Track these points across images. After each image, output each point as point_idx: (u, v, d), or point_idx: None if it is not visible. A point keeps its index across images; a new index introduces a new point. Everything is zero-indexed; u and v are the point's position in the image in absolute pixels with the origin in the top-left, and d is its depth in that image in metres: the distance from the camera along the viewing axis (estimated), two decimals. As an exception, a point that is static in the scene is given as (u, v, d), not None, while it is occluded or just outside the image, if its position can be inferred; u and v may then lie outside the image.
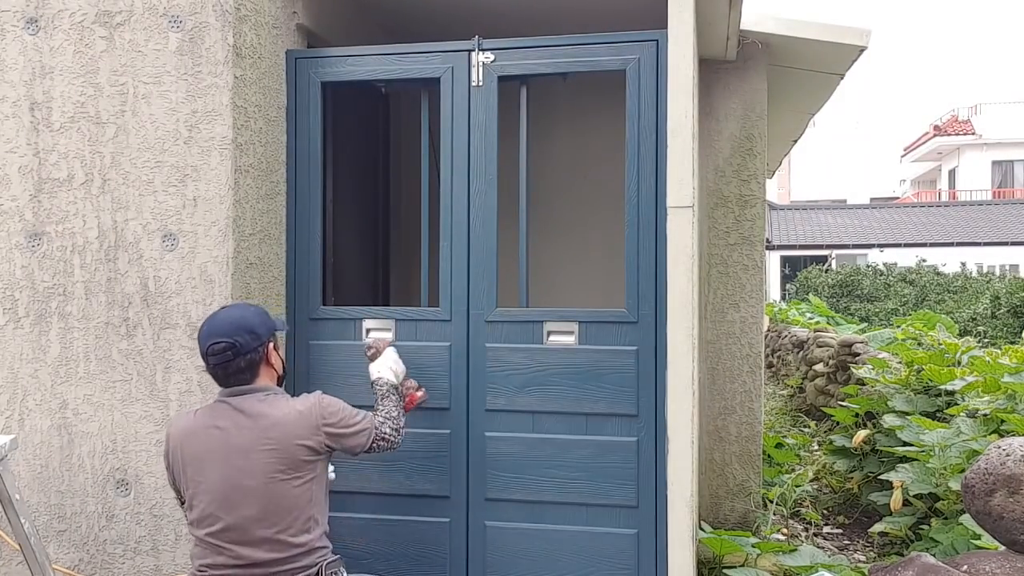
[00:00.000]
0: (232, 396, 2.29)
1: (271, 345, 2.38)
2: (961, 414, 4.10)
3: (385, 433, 2.47)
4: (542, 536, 2.98)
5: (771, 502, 4.38)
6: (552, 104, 4.41)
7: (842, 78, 4.44)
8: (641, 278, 2.94)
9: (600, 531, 2.94)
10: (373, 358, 2.76)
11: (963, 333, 9.11)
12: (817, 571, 3.20)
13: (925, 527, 3.81)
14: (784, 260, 24.21)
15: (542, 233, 4.37)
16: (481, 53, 3.02)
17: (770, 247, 21.84)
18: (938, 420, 4.31)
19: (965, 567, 2.02)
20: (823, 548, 4.15)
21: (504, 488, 2.99)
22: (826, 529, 4.59)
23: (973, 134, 32.53)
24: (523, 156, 3.08)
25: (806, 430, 7.01)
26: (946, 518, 3.71)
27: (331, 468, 2.46)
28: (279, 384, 2.42)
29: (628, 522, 2.93)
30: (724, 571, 3.39)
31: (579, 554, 2.95)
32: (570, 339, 2.97)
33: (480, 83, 3.02)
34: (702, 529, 3.67)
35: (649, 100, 2.93)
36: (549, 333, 2.99)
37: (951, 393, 4.52)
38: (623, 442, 2.93)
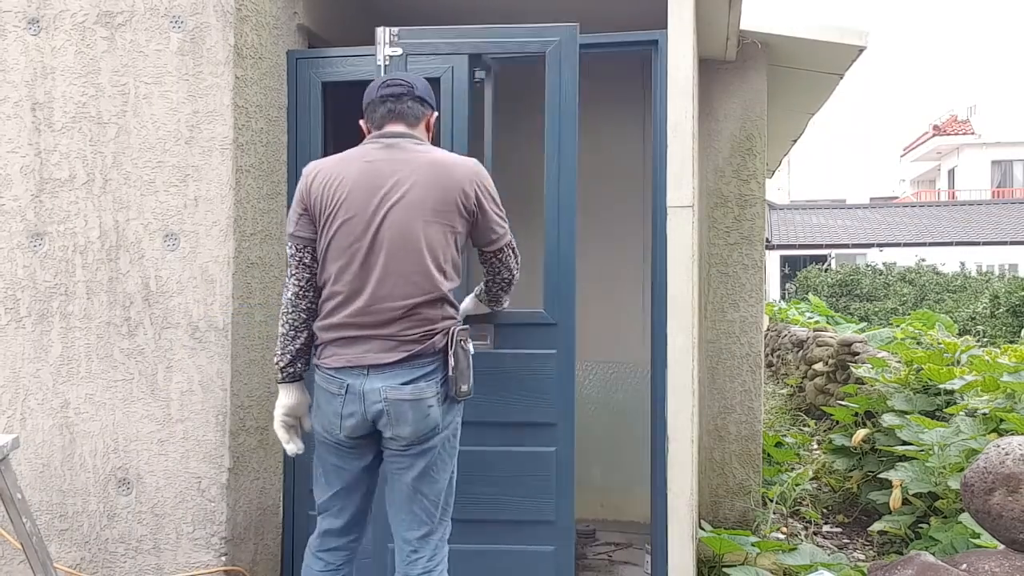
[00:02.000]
0: (385, 137, 2.30)
1: (434, 119, 2.42)
2: (960, 413, 4.11)
3: (513, 256, 2.43)
4: (466, 557, 2.66)
5: (771, 501, 4.39)
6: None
7: (841, 78, 4.45)
8: (560, 276, 2.79)
9: (517, 549, 2.74)
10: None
11: (962, 332, 9.11)
12: (817, 570, 3.21)
13: (924, 526, 3.81)
14: (784, 260, 24.21)
15: (540, 232, 4.38)
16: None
17: (770, 247, 21.81)
18: (937, 419, 4.31)
19: (964, 566, 2.03)
20: (823, 547, 4.15)
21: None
22: (826, 528, 4.60)
23: (972, 134, 32.56)
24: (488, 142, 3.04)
25: (806, 429, 7.02)
26: (945, 517, 3.72)
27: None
28: None
29: (546, 539, 2.73)
30: (724, 570, 3.40)
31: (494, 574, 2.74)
32: (484, 343, 2.74)
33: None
34: (702, 528, 3.67)
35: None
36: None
37: (950, 392, 4.53)
38: (541, 453, 2.75)
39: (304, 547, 3.09)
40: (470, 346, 2.31)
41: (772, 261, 23.25)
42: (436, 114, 2.45)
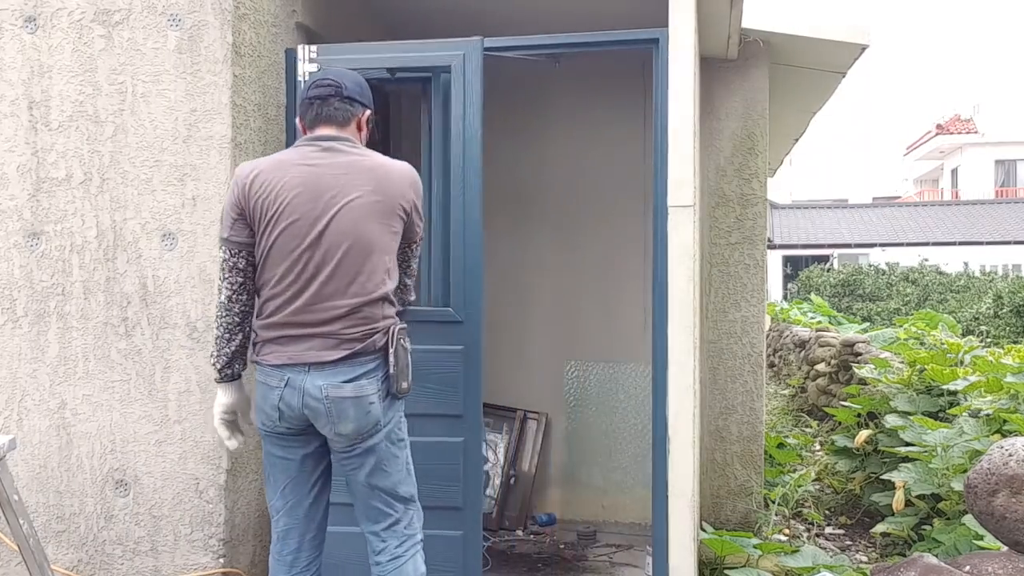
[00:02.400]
0: (320, 140, 2.31)
1: (366, 117, 2.41)
2: (964, 414, 4.09)
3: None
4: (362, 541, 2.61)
5: (773, 502, 4.37)
6: (552, 104, 4.39)
7: (844, 76, 4.43)
8: (466, 277, 2.89)
9: (429, 534, 2.68)
10: None
11: (966, 333, 9.08)
12: (819, 572, 3.19)
13: (927, 527, 3.79)
14: (786, 259, 24.20)
15: (541, 232, 4.37)
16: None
17: (772, 246, 21.82)
18: (940, 420, 4.29)
19: (968, 567, 2.01)
20: (825, 549, 4.13)
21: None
22: (828, 529, 4.58)
23: (975, 133, 32.51)
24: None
25: (808, 430, 6.99)
26: (948, 518, 3.70)
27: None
28: None
29: (454, 524, 2.84)
30: (725, 572, 3.38)
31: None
32: None
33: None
34: (703, 529, 3.65)
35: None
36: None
37: (953, 393, 4.50)
38: (449, 443, 2.86)
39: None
40: (408, 344, 2.35)
41: (774, 261, 23.24)
42: (368, 112, 2.43)
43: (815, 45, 3.96)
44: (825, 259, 22.61)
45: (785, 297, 20.19)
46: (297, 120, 2.41)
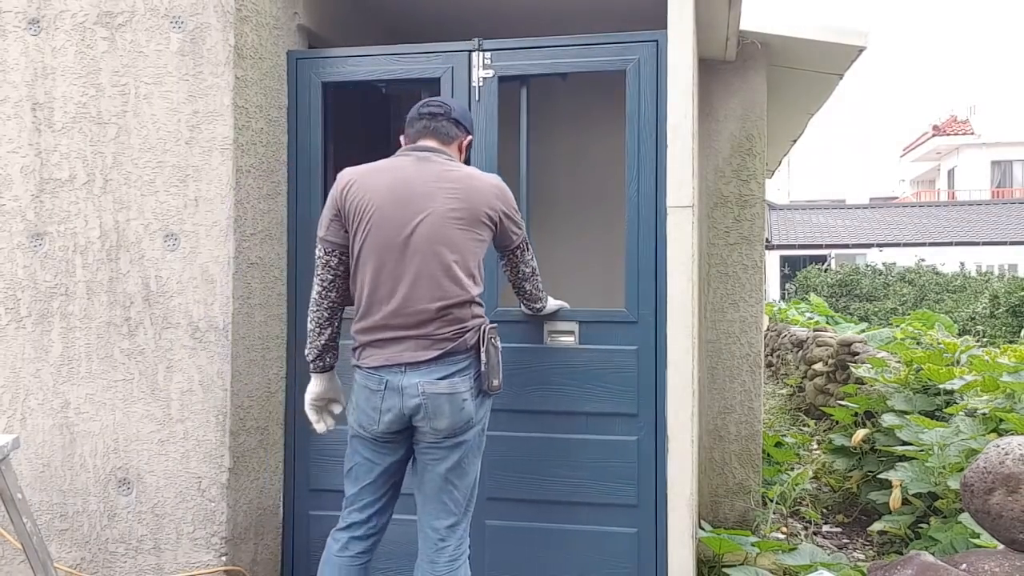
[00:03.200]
0: (418, 150, 2.44)
1: (467, 142, 2.56)
2: (960, 413, 4.11)
3: (527, 250, 2.61)
4: (543, 535, 2.99)
5: (771, 501, 4.39)
6: (552, 104, 4.42)
7: (841, 78, 4.45)
8: (641, 278, 2.95)
9: (601, 530, 2.95)
10: None
11: (962, 332, 9.12)
12: (816, 570, 3.21)
13: (924, 526, 3.81)
14: (783, 260, 24.22)
15: (541, 232, 4.38)
16: (482, 53, 3.03)
17: (769, 247, 21.84)
18: (937, 419, 4.31)
19: (964, 566, 2.03)
20: (822, 547, 4.15)
21: (505, 487, 3.00)
22: (825, 528, 4.60)
23: (972, 134, 32.57)
24: (523, 156, 3.09)
25: (805, 429, 7.02)
26: (945, 517, 3.72)
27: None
28: None
29: (628, 521, 2.94)
30: (724, 570, 3.40)
31: (579, 553, 2.95)
32: (570, 339, 2.98)
33: (480, 83, 3.03)
34: (702, 528, 3.67)
35: (649, 100, 2.94)
36: (549, 333, 3.00)
37: (950, 392, 4.53)
38: (623, 441, 2.94)
39: (304, 546, 3.12)
40: (499, 343, 2.46)
41: (772, 261, 23.27)
42: (471, 138, 2.58)
43: (813, 47, 3.98)
44: (823, 259, 22.65)
45: (783, 297, 20.22)
46: (402, 137, 2.53)
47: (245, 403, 2.87)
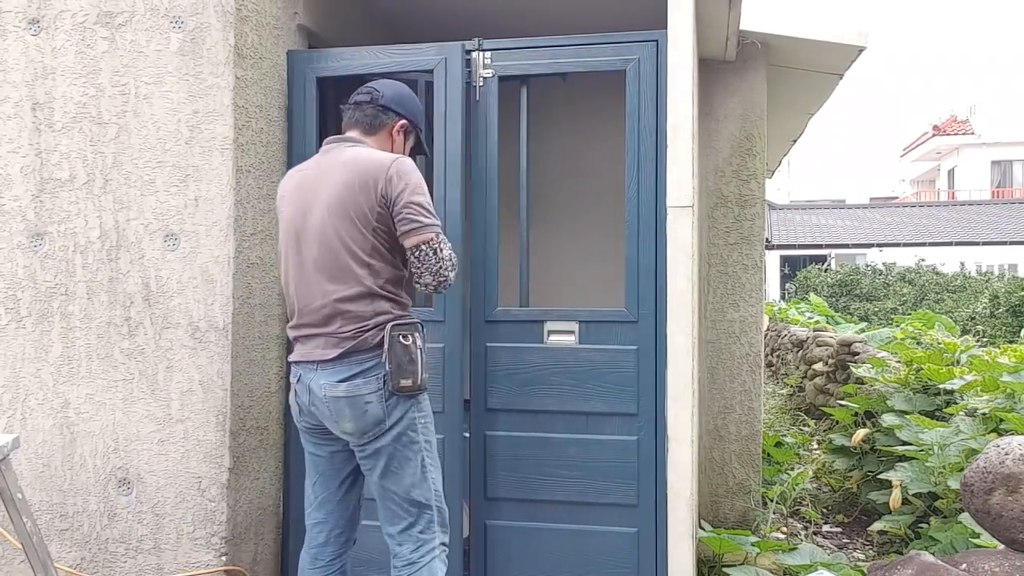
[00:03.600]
0: (333, 142, 2.42)
1: (399, 126, 2.45)
2: (960, 413, 4.11)
3: (433, 256, 2.25)
4: (543, 535, 2.99)
5: (771, 501, 4.39)
6: (552, 104, 4.42)
7: (841, 78, 4.45)
8: (641, 278, 2.95)
9: (601, 530, 2.95)
10: None
11: (962, 332, 9.11)
12: (816, 569, 3.21)
13: (924, 526, 3.81)
14: (783, 260, 24.22)
15: (541, 232, 4.38)
16: (482, 53, 3.03)
17: (769, 247, 21.84)
18: (937, 419, 4.31)
19: (964, 565, 2.03)
20: (822, 547, 4.15)
21: (504, 487, 3.00)
22: (825, 528, 4.60)
23: (972, 134, 32.56)
24: (523, 156, 3.09)
25: (805, 429, 7.02)
26: (945, 517, 3.72)
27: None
28: None
29: (628, 521, 2.94)
30: (724, 570, 3.40)
31: (580, 553, 2.96)
32: (570, 339, 2.98)
33: (480, 83, 3.03)
34: (702, 528, 3.67)
35: (649, 100, 2.94)
36: (549, 333, 3.00)
37: (950, 392, 4.53)
38: (623, 441, 2.94)
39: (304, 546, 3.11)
40: (414, 341, 2.29)
41: (772, 261, 23.27)
42: (404, 121, 2.48)
43: (813, 47, 3.98)
44: (823, 259, 22.64)
45: (783, 297, 20.22)
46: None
47: (245, 403, 2.87)
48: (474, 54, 3.03)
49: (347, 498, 2.44)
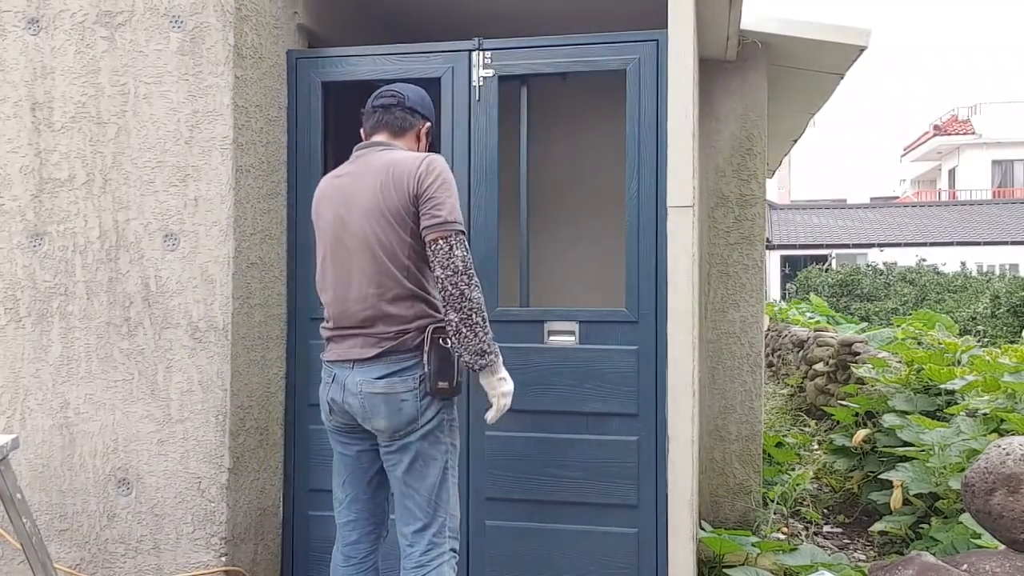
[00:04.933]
0: (366, 147, 2.43)
1: (426, 129, 2.51)
2: (961, 413, 4.10)
3: (448, 252, 2.22)
4: (543, 535, 2.98)
5: (771, 501, 4.38)
6: (552, 104, 4.41)
7: (842, 78, 4.44)
8: (641, 278, 2.94)
9: (601, 530, 2.94)
10: None
11: (963, 332, 9.10)
12: (817, 570, 3.21)
13: (925, 526, 3.81)
14: (784, 260, 24.22)
15: (541, 233, 4.38)
16: (482, 53, 3.02)
17: (770, 247, 21.85)
18: (938, 419, 4.31)
19: (965, 566, 2.03)
20: (823, 547, 4.15)
21: (504, 487, 3.00)
22: (826, 528, 4.60)
23: (973, 134, 32.54)
24: (523, 155, 3.09)
25: (806, 429, 7.01)
26: (946, 517, 3.72)
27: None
28: None
29: (628, 521, 2.93)
30: (724, 570, 3.39)
31: (580, 553, 2.95)
32: (570, 339, 2.98)
33: (481, 83, 3.03)
34: (702, 528, 3.67)
35: (649, 100, 2.93)
36: (549, 333, 3.00)
37: (951, 392, 4.52)
38: (624, 441, 2.93)
39: (304, 547, 3.12)
40: (451, 344, 2.33)
41: (772, 261, 23.27)
42: (428, 124, 2.52)
43: (813, 47, 3.97)
44: (823, 259, 22.63)
45: (783, 297, 20.22)
46: (362, 129, 2.50)
47: (245, 403, 2.86)
48: (474, 54, 3.03)
49: (377, 496, 2.47)
